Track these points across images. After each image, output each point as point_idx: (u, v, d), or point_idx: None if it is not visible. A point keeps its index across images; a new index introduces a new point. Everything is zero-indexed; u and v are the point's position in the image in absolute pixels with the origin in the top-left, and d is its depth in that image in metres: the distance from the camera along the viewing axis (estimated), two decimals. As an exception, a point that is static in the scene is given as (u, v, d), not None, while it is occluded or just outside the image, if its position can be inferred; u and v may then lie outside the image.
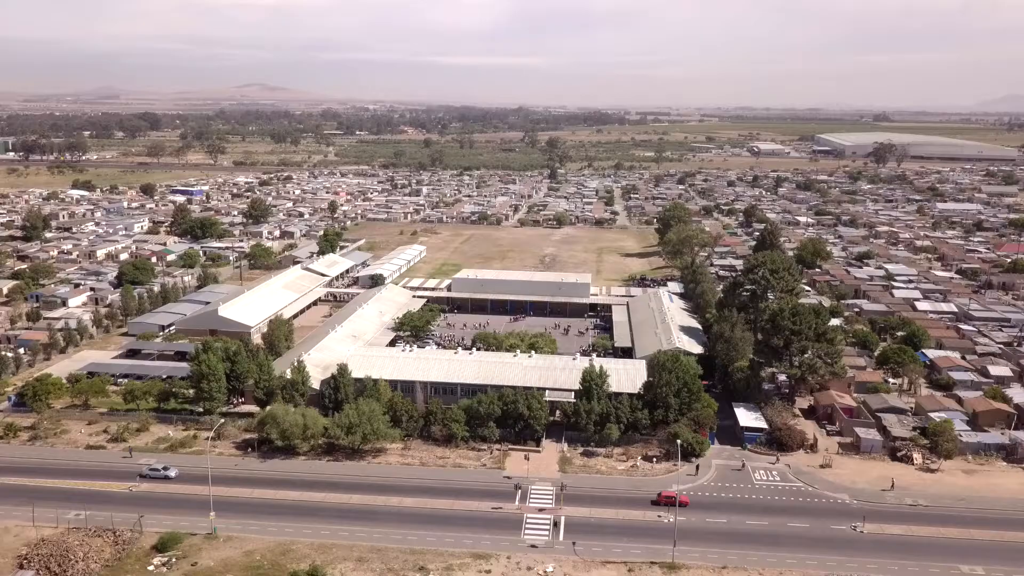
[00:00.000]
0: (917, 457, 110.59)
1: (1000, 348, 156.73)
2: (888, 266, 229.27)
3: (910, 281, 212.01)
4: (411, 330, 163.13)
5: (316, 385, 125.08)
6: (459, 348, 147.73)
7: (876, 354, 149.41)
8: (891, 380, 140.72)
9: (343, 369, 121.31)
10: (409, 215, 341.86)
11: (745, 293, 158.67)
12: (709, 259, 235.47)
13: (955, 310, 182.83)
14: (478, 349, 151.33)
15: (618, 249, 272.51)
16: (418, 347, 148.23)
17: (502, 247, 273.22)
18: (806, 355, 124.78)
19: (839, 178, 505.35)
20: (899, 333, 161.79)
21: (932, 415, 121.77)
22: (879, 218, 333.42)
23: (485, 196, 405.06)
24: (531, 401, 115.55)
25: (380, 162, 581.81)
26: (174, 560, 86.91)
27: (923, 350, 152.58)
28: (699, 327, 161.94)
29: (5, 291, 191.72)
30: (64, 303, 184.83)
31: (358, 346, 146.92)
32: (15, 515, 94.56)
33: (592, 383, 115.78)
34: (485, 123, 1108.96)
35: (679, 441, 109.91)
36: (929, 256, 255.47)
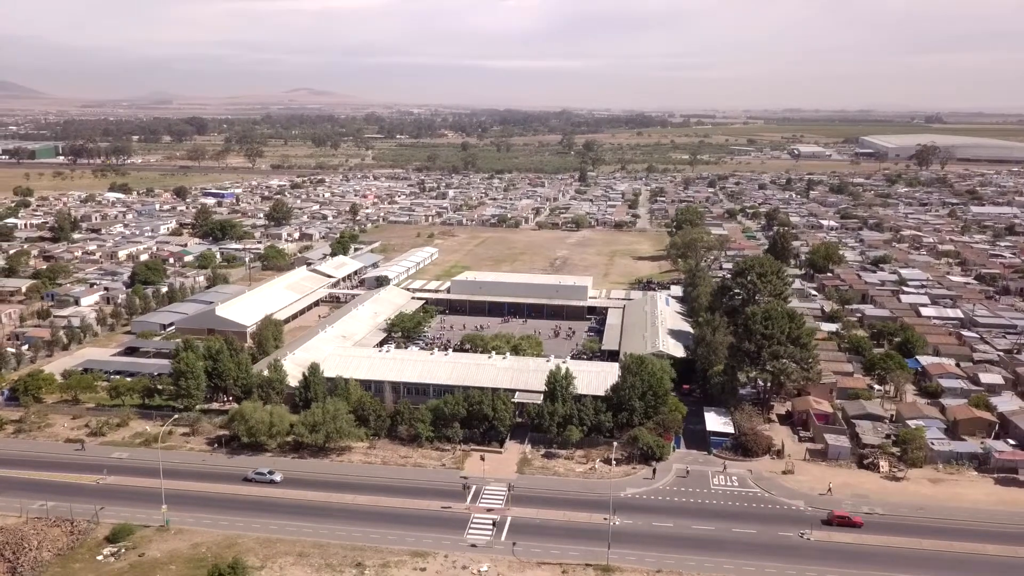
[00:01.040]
0: (884, 465, 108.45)
1: (999, 355, 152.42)
2: (903, 271, 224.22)
3: (922, 286, 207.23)
4: (402, 331, 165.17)
5: (296, 384, 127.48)
6: (435, 349, 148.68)
7: (865, 360, 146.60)
8: (876, 387, 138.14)
9: (314, 368, 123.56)
10: (431, 218, 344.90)
11: (737, 297, 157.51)
12: (718, 262, 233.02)
13: (961, 316, 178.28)
14: (466, 350, 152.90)
15: (632, 252, 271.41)
16: (395, 348, 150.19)
17: (515, 250, 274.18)
18: (780, 360, 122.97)
19: (877, 181, 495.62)
20: (896, 339, 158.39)
21: (910, 422, 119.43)
22: (907, 222, 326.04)
23: (510, 199, 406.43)
24: (496, 402, 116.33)
25: (415, 165, 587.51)
26: (123, 550, 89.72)
27: (917, 356, 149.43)
28: (691, 331, 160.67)
29: (23, 289, 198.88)
30: (76, 302, 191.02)
31: (346, 346, 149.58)
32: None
33: (556, 385, 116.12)
34: (526, 126, 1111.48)
35: (640, 444, 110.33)
36: (950, 261, 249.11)
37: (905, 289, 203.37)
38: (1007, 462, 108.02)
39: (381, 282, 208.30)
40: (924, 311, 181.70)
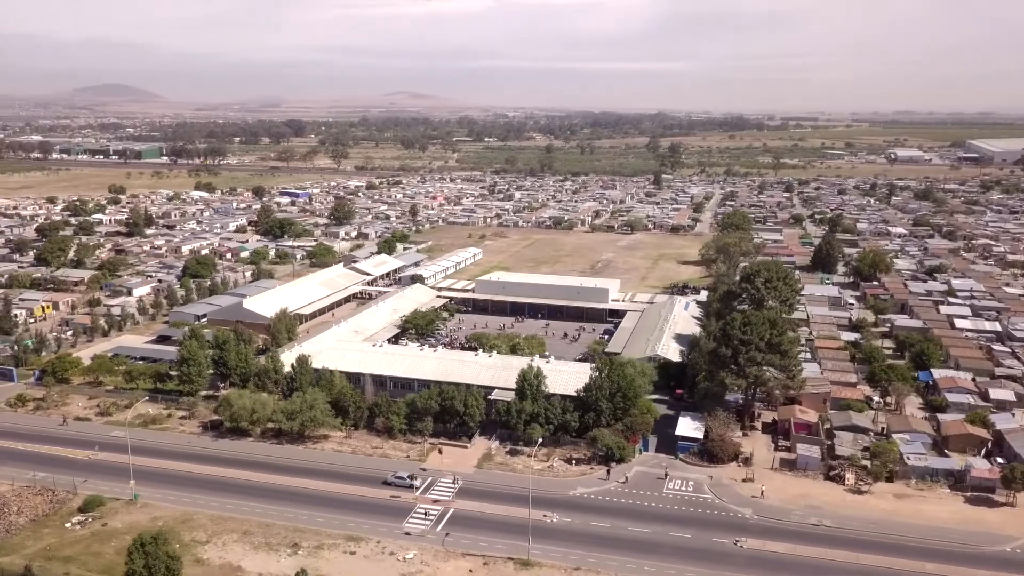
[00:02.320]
0: (850, 477, 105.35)
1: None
2: (955, 281, 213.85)
3: (971, 297, 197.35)
4: (415, 328, 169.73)
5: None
6: (425, 346, 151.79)
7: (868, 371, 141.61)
8: (876, 399, 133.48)
9: (302, 360, 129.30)
10: (490, 219, 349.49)
11: (747, 301, 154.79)
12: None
13: (998, 329, 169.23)
14: (472, 348, 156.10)
15: (679, 256, 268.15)
16: (407, 344, 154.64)
17: (561, 251, 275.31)
18: (759, 366, 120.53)
19: (972, 187, 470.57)
20: (913, 351, 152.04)
21: (896, 436, 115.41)
22: (986, 230, 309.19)
23: (576, 201, 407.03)
24: (468, 398, 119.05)
25: (494, 168, 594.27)
26: (89, 520, 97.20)
27: (932, 369, 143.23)
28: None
29: (86, 280, 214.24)
30: (129, 292, 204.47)
31: (355, 340, 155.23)
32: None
33: (526, 383, 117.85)
34: (616, 128, 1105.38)
35: (600, 445, 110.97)
36: (1016, 272, 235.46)
37: (949, 300, 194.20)
38: (983, 480, 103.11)
39: (416, 281, 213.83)
40: (960, 323, 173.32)
